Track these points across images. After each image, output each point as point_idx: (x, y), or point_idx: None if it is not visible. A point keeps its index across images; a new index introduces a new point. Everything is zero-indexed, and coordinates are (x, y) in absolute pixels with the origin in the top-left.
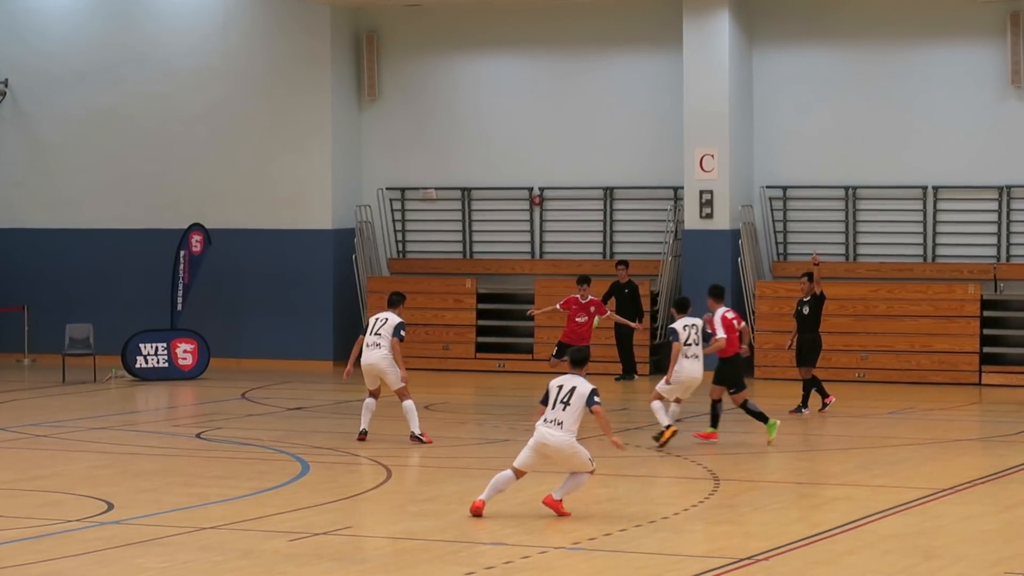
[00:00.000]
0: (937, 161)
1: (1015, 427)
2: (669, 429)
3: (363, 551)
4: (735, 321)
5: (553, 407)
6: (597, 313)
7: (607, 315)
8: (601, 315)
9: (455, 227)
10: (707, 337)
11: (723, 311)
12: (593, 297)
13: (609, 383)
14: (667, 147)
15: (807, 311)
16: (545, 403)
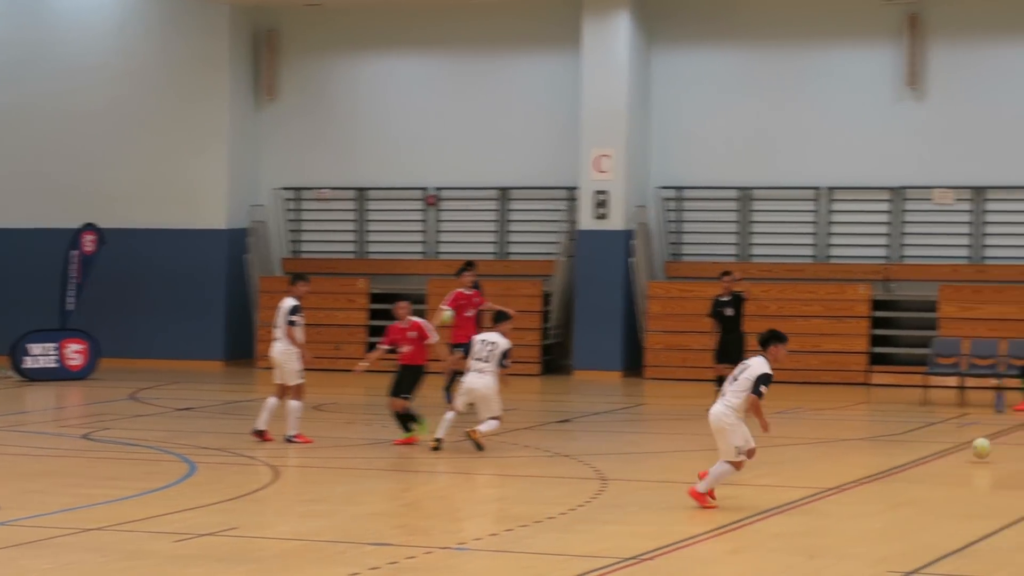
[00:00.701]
0: (832, 162)
1: (903, 426)
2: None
3: (249, 552)
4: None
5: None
6: (475, 306)
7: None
8: (481, 305)
9: (350, 227)
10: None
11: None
12: (476, 290)
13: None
14: (564, 148)
15: (730, 312)
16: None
